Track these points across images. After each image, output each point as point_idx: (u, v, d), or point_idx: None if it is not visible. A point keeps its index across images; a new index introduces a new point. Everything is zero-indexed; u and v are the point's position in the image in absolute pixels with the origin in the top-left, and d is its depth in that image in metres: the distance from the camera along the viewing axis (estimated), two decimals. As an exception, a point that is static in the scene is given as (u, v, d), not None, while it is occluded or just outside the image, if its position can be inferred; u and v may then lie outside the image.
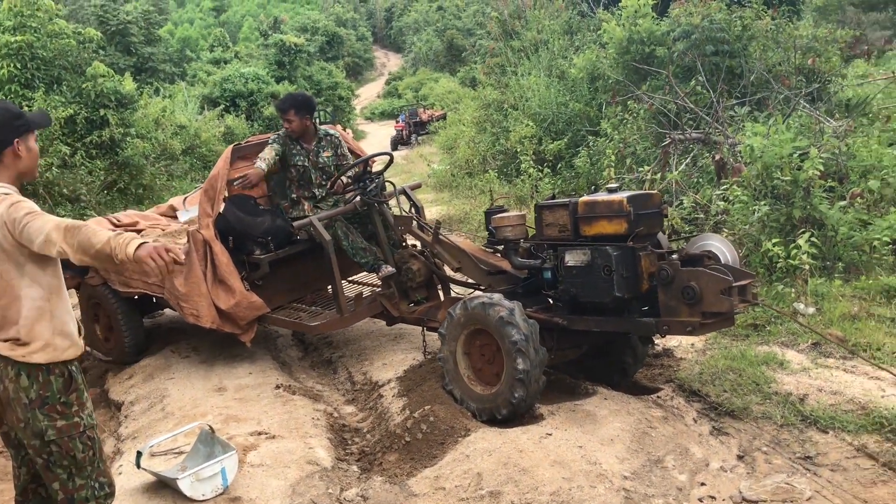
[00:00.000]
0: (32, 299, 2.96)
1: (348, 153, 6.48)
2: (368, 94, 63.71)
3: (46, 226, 2.84)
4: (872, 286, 5.95)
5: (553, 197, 4.96)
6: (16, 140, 3.00)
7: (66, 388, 2.99)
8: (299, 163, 6.20)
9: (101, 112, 14.75)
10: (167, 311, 7.40)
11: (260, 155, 6.10)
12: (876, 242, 6.32)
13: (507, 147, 13.79)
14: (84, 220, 7.29)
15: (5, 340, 2.95)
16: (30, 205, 2.91)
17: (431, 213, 12.24)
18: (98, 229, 2.89)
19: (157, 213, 7.65)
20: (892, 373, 4.37)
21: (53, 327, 3.00)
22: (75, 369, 3.07)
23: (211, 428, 4.46)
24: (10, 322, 2.95)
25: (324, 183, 6.26)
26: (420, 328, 5.83)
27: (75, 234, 2.85)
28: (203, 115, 23.68)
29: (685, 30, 10.53)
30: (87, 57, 15.59)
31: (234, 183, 6.16)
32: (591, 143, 11.33)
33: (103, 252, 2.86)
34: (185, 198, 7.70)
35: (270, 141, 6.23)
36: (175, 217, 7.44)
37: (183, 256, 3.09)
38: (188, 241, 5.91)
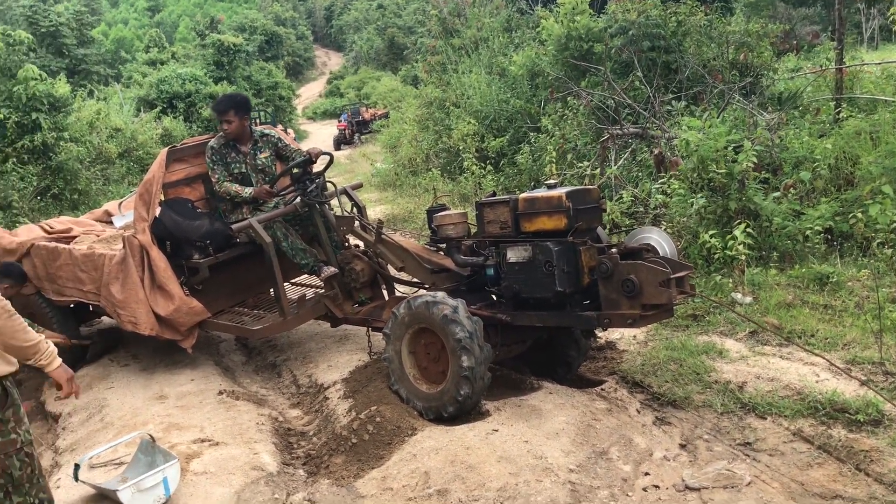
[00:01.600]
0: None
1: (293, 146, 6.36)
2: (310, 93, 63.25)
3: None
4: (806, 274, 6.11)
5: (494, 194, 4.98)
6: None
7: (2, 405, 2.91)
8: (236, 170, 6.06)
9: (33, 116, 14.32)
10: (105, 319, 7.22)
11: (226, 186, 5.95)
12: (808, 232, 6.49)
13: (450, 145, 13.82)
14: (16, 227, 7.07)
15: None
16: None
17: (376, 212, 12.20)
18: (26, 329, 2.91)
19: (92, 219, 7.46)
20: (825, 358, 4.49)
21: None
22: (10, 384, 2.97)
23: (151, 437, 4.36)
24: None
25: (264, 184, 6.16)
26: (365, 329, 5.79)
27: (6, 318, 2.85)
28: (140, 117, 23.19)
29: (622, 26, 10.69)
30: (17, 59, 15.13)
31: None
32: (532, 140, 11.41)
33: (24, 354, 2.93)
34: (121, 202, 7.53)
35: (211, 164, 6.02)
36: (110, 222, 7.26)
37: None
38: (124, 246, 5.77)
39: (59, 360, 2.96)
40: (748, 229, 6.24)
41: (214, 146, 6.04)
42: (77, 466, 4.11)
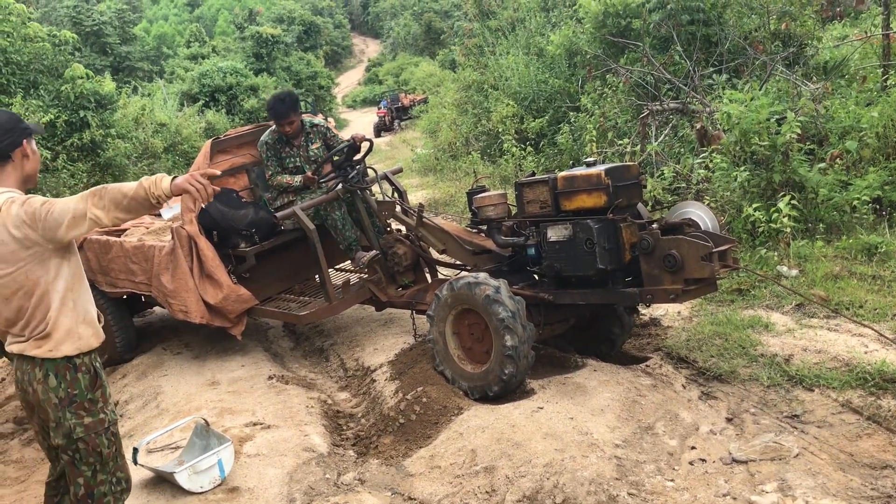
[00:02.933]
0: (58, 292, 2.97)
1: (336, 138, 6.45)
2: (349, 81, 63.51)
3: (69, 203, 2.84)
4: (853, 245, 6.01)
5: (533, 174, 4.99)
6: (24, 140, 3.03)
7: (92, 385, 3.03)
8: (290, 164, 6.20)
9: (81, 114, 14.66)
10: (157, 309, 7.42)
11: (278, 179, 6.11)
12: (856, 202, 6.38)
13: (490, 128, 13.81)
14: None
15: (29, 339, 2.97)
16: (41, 197, 2.91)
17: (417, 197, 12.25)
18: (122, 183, 2.89)
19: (141, 212, 7.63)
20: (874, 329, 4.43)
21: (76, 316, 3.01)
22: (99, 365, 3.11)
23: (206, 421, 4.49)
24: (39, 319, 2.96)
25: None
26: (409, 311, 5.87)
27: (103, 194, 2.85)
28: (183, 111, 23.56)
29: (660, 0, 10.54)
30: (63, 59, 15.46)
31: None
32: (572, 120, 11.35)
33: (138, 196, 2.84)
34: (169, 195, 7.68)
35: (265, 159, 6.17)
36: (159, 215, 7.43)
37: (217, 171, 3.11)
38: (173, 237, 5.91)
39: (168, 177, 2.85)
40: (793, 201, 6.15)
41: (269, 141, 6.15)
42: (135, 450, 4.26)
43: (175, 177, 2.88)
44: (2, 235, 2.87)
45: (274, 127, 6.19)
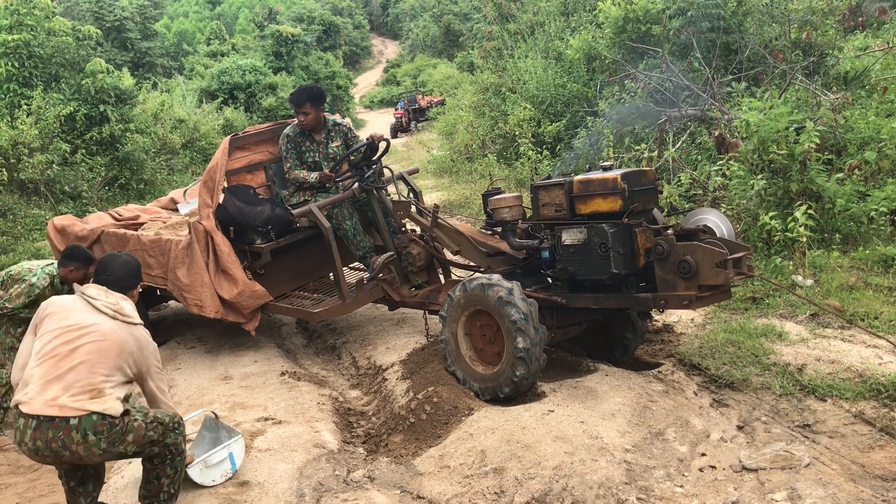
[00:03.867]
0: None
1: (357, 138, 6.47)
2: (366, 82, 63.61)
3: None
4: (870, 256, 5.98)
5: (549, 177, 4.99)
6: None
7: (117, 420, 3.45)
8: (310, 159, 6.21)
9: (101, 108, 14.78)
10: (172, 302, 7.47)
11: (295, 173, 6.11)
12: (873, 213, 6.34)
13: (506, 131, 13.80)
14: (86, 215, 7.36)
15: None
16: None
17: (432, 198, 12.27)
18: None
19: (158, 207, 7.70)
20: (889, 340, 4.41)
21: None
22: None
23: (215, 414, 4.52)
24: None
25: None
26: (422, 312, 5.89)
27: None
28: (202, 108, 23.70)
29: (681, 7, 10.51)
30: (84, 54, 15.60)
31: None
32: (589, 124, 11.33)
33: None
34: (186, 190, 7.76)
35: (284, 152, 6.18)
36: (176, 210, 7.50)
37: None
38: (189, 232, 5.96)
39: None
40: (810, 211, 6.13)
41: (290, 134, 6.17)
42: None
43: None
44: None
45: (297, 123, 6.22)
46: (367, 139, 5.93)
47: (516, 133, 12.95)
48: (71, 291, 4.61)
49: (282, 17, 57.06)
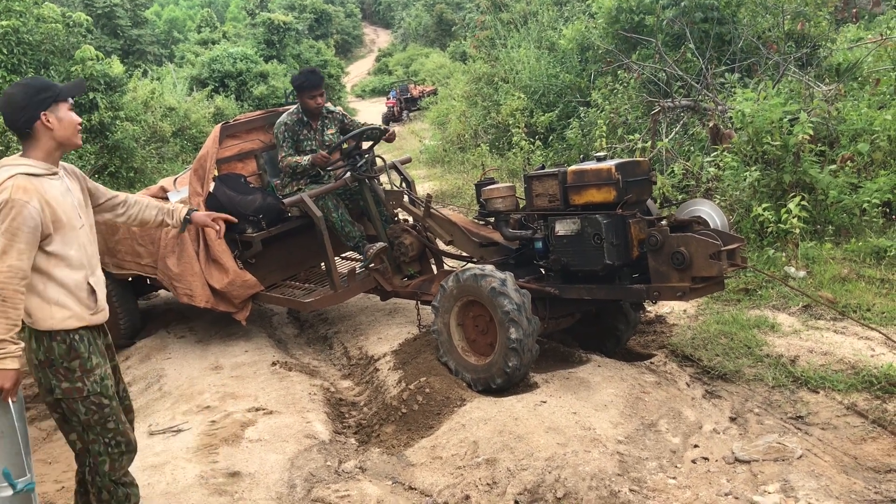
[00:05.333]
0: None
1: (355, 122, 6.43)
2: (358, 71, 63.35)
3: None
4: (862, 248, 5.99)
5: (543, 167, 4.97)
6: (42, 113, 3.07)
7: (67, 355, 3.14)
8: (307, 147, 6.13)
9: (90, 96, 14.65)
10: (162, 292, 7.42)
11: (288, 160, 6.00)
12: (866, 205, 6.35)
13: (499, 120, 13.76)
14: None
15: None
16: (9, 219, 2.95)
17: (424, 188, 12.24)
18: (5, 316, 2.97)
19: (148, 195, 7.63)
20: (881, 332, 4.41)
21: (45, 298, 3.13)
22: (77, 339, 3.19)
23: None
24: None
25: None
26: (414, 302, 5.86)
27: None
28: (192, 96, 23.54)
29: (674, -3, 10.48)
30: (74, 41, 15.44)
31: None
32: (582, 114, 11.31)
33: None
34: (176, 178, 7.67)
35: (280, 139, 6.06)
36: (166, 198, 7.42)
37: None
38: (180, 221, 5.90)
39: (10, 363, 2.96)
40: (803, 202, 6.12)
41: (287, 122, 6.09)
42: None
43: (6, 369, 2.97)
44: None
45: (295, 109, 6.13)
46: (379, 127, 5.95)
47: (509, 123, 12.91)
48: None
49: (273, 4, 56.71)
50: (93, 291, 3.28)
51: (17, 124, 3.07)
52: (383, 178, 6.08)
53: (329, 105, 6.37)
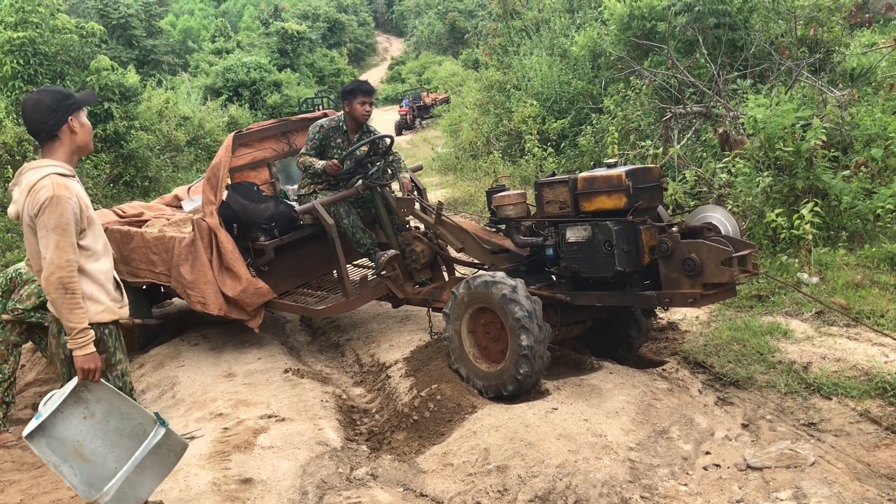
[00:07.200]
0: None
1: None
2: (372, 79, 63.23)
3: (49, 241, 3.12)
4: (876, 254, 5.95)
5: (553, 174, 4.98)
6: (70, 118, 3.25)
7: (96, 349, 3.23)
8: (336, 156, 6.05)
9: (106, 106, 14.80)
10: (175, 300, 7.47)
11: (304, 158, 6.00)
12: (880, 211, 6.31)
13: (511, 128, 13.77)
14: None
15: None
16: (56, 215, 3.11)
17: (436, 196, 12.24)
18: (77, 311, 3.15)
19: (163, 204, 7.70)
20: (895, 339, 4.38)
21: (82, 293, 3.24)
22: (107, 333, 3.35)
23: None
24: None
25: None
26: (425, 309, 5.87)
27: (66, 284, 3.13)
28: (206, 105, 23.71)
29: (686, 3, 10.46)
30: (89, 51, 15.62)
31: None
32: (594, 121, 11.30)
33: (61, 316, 3.18)
34: (190, 187, 7.76)
35: (310, 136, 6.03)
36: (179, 206, 7.49)
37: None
38: (193, 229, 5.95)
39: (89, 349, 3.16)
40: (816, 208, 6.10)
41: (324, 125, 6.08)
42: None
43: (87, 355, 3.16)
44: (22, 214, 3.21)
45: (338, 115, 6.11)
46: (388, 136, 5.99)
47: (521, 130, 12.92)
48: None
49: (287, 14, 57.08)
50: (118, 284, 3.44)
51: (45, 126, 3.22)
52: (395, 185, 6.10)
53: (340, 115, 6.38)
